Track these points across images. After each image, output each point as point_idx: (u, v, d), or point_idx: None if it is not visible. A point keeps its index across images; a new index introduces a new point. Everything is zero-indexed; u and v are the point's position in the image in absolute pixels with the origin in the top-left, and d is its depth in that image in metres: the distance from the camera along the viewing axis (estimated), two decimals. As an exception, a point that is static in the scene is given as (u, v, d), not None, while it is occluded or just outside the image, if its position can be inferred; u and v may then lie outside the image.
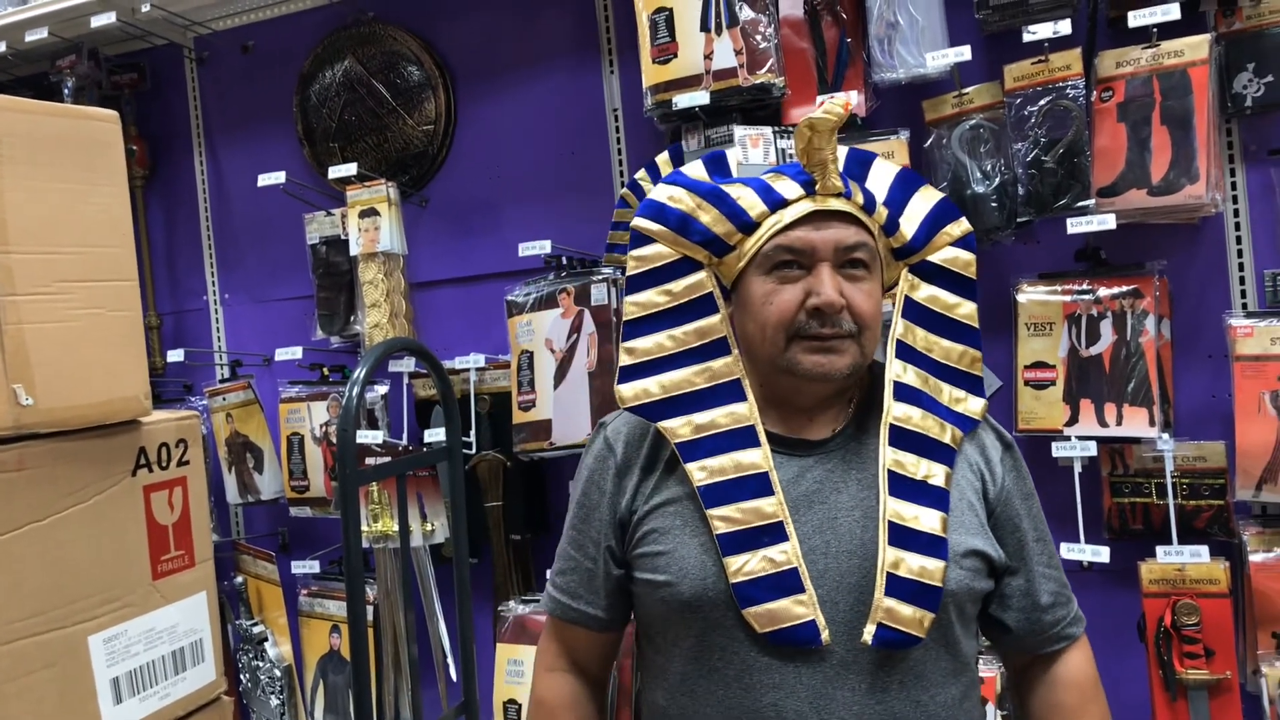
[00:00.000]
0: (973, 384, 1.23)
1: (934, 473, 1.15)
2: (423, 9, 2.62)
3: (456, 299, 2.61)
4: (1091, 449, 1.93)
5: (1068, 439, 1.95)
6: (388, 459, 2.33)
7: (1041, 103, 1.95)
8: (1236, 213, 1.97)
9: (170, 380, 2.92)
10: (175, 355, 2.74)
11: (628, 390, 1.19)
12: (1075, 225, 1.89)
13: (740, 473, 1.13)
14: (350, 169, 2.49)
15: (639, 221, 1.22)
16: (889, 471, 1.13)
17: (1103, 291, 1.97)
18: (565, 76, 2.49)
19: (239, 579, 2.77)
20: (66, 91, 2.77)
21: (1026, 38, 1.89)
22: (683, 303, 1.19)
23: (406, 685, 2.43)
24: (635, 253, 1.22)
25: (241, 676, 2.75)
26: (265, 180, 2.55)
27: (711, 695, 1.13)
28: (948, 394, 1.20)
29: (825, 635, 1.07)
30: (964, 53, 1.94)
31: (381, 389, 2.57)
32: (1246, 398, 1.82)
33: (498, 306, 2.42)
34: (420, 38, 2.61)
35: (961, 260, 1.22)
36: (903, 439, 1.15)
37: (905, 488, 1.13)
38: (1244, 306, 1.96)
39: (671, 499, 1.18)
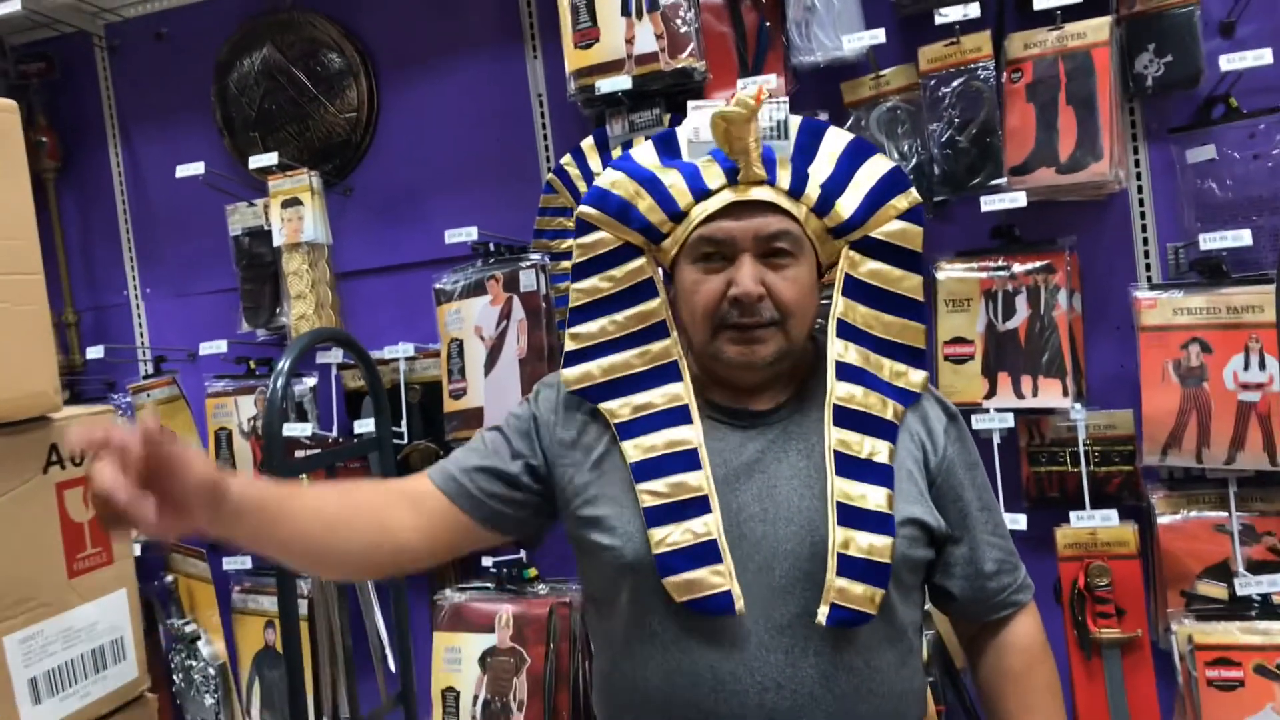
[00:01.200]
0: (914, 356, 1.24)
1: (878, 450, 1.17)
2: (342, -5, 2.59)
3: (384, 288, 2.59)
4: (1009, 420, 1.99)
5: (986, 411, 2.01)
6: (318, 451, 2.31)
7: (954, 84, 2.00)
8: (1140, 189, 2.04)
9: (91, 378, 2.85)
10: (95, 352, 2.67)
11: (572, 374, 1.23)
12: (989, 203, 1.94)
13: (671, 449, 1.16)
14: (271, 158, 2.46)
15: (583, 209, 1.24)
16: (835, 452, 1.14)
17: (1017, 268, 2.03)
18: (489, 62, 2.48)
19: (169, 578, 2.73)
20: (-30, 82, 2.68)
21: (939, 20, 1.93)
22: (625, 288, 1.22)
23: (343, 677, 2.42)
24: (579, 240, 1.24)
25: (175, 677, 2.70)
26: (184, 171, 2.49)
27: (651, 658, 1.15)
28: (889, 369, 1.21)
29: (740, 605, 1.09)
30: (878, 35, 1.98)
31: (310, 381, 2.54)
32: (1151, 367, 1.90)
33: (426, 295, 2.41)
34: (340, 24, 2.58)
35: (910, 233, 1.21)
36: (847, 418, 1.17)
37: (851, 466, 1.15)
38: (1149, 279, 2.04)
39: (604, 456, 1.21)
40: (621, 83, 2.11)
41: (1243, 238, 1.82)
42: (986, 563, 1.24)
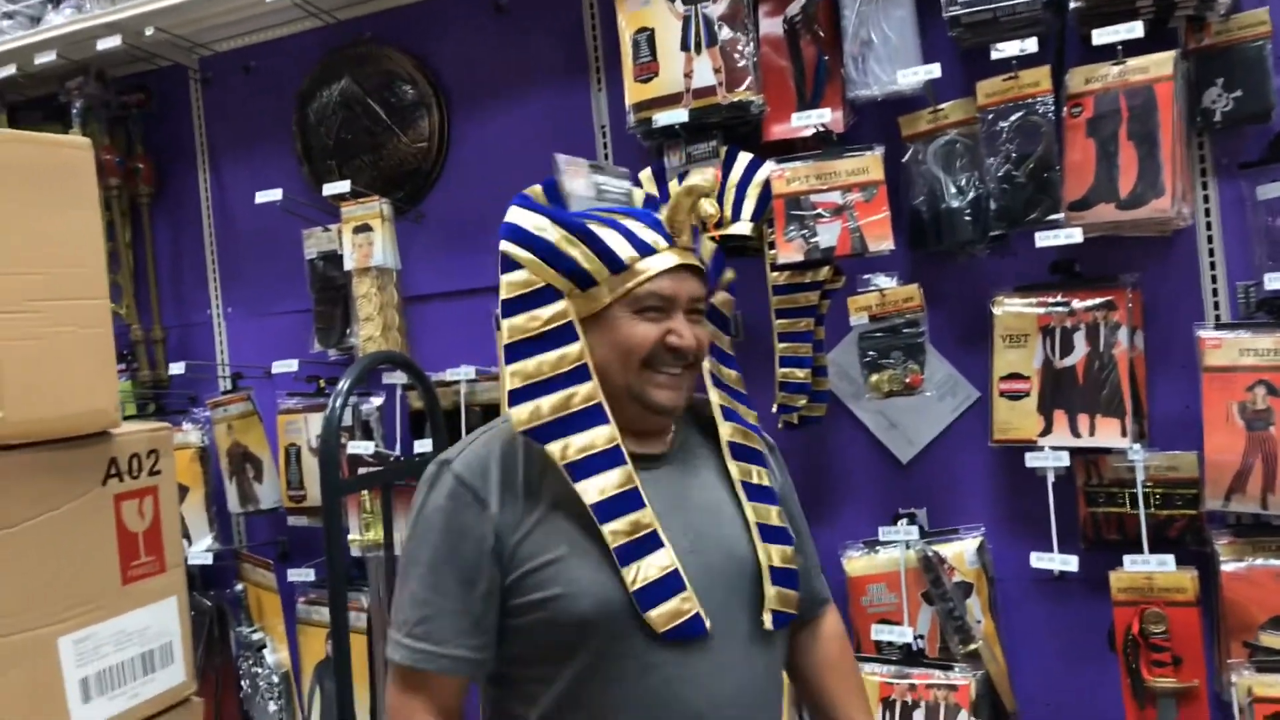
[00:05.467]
0: (747, 400, 1.44)
1: (764, 476, 1.37)
2: (417, 30, 2.69)
3: (450, 312, 2.66)
4: (1065, 459, 1.95)
5: (1041, 449, 1.98)
6: (378, 469, 2.38)
7: (1013, 118, 1.98)
8: (1209, 225, 1.99)
9: (175, 392, 2.99)
10: (177, 368, 2.81)
11: (522, 413, 1.24)
12: (1043, 239, 1.91)
13: (620, 489, 1.23)
14: (344, 186, 2.56)
15: (508, 247, 1.27)
16: (741, 482, 1.33)
17: (1076, 304, 1.99)
18: (555, 95, 2.55)
19: (239, 586, 2.84)
20: (75, 112, 2.85)
21: (995, 55, 1.92)
22: (549, 329, 1.26)
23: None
24: (506, 278, 1.28)
25: (242, 683, 2.80)
26: (263, 198, 2.61)
27: (608, 697, 1.20)
28: (742, 410, 1.41)
29: (708, 624, 1.21)
30: (934, 70, 1.98)
31: (376, 401, 2.63)
32: (1214, 409, 1.84)
33: (488, 319, 2.47)
34: (415, 57, 2.68)
35: (729, 301, 1.45)
36: (738, 452, 1.36)
37: (752, 492, 1.34)
38: (1217, 318, 1.98)
39: (540, 520, 1.23)
40: (679, 116, 2.15)
41: (1310, 278, 1.76)
42: (812, 567, 1.46)
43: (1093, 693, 2.04)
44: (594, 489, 1.22)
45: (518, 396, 1.24)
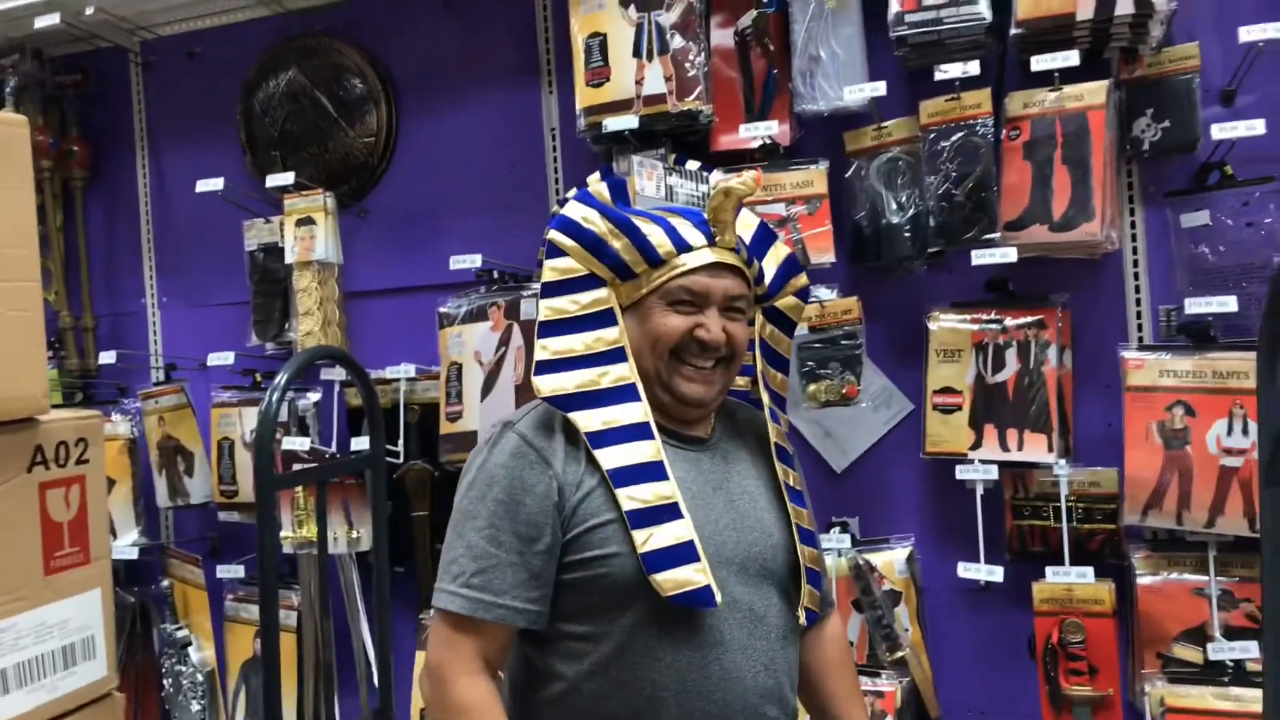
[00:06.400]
0: (783, 403, 1.51)
1: (798, 482, 1.45)
2: (367, 24, 2.66)
3: (391, 309, 2.64)
4: (993, 472, 2.01)
5: (971, 462, 2.03)
6: (312, 465, 2.35)
7: (954, 138, 2.03)
8: (1135, 250, 2.06)
9: (104, 382, 2.92)
10: (108, 357, 2.74)
11: (546, 383, 1.31)
12: (979, 257, 1.97)
13: (643, 459, 1.28)
14: (288, 178, 2.52)
15: (556, 236, 1.35)
16: (784, 484, 1.40)
17: (1009, 321, 2.05)
18: (505, 95, 2.55)
19: (165, 583, 2.77)
20: (8, 90, 2.77)
21: (938, 76, 1.97)
22: (589, 314, 1.34)
23: (324, 690, 2.45)
24: (550, 263, 1.36)
25: (164, 681, 2.74)
26: (204, 186, 2.57)
27: (658, 664, 1.26)
28: (782, 417, 1.48)
29: (719, 598, 1.24)
30: (879, 88, 2.03)
31: (314, 396, 2.60)
32: (1135, 427, 1.91)
33: (431, 318, 2.46)
34: (365, 52, 2.65)
35: (797, 307, 1.50)
36: (780, 454, 1.43)
37: (791, 494, 1.41)
38: (1140, 340, 2.05)
39: (600, 482, 1.28)
40: (629, 122, 2.17)
41: (1228, 304, 1.83)
42: (824, 571, 1.49)
43: (1013, 700, 2.09)
44: (613, 457, 1.27)
45: (544, 368, 1.31)
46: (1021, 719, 2.05)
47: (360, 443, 2.44)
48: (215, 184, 2.55)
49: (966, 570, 2.03)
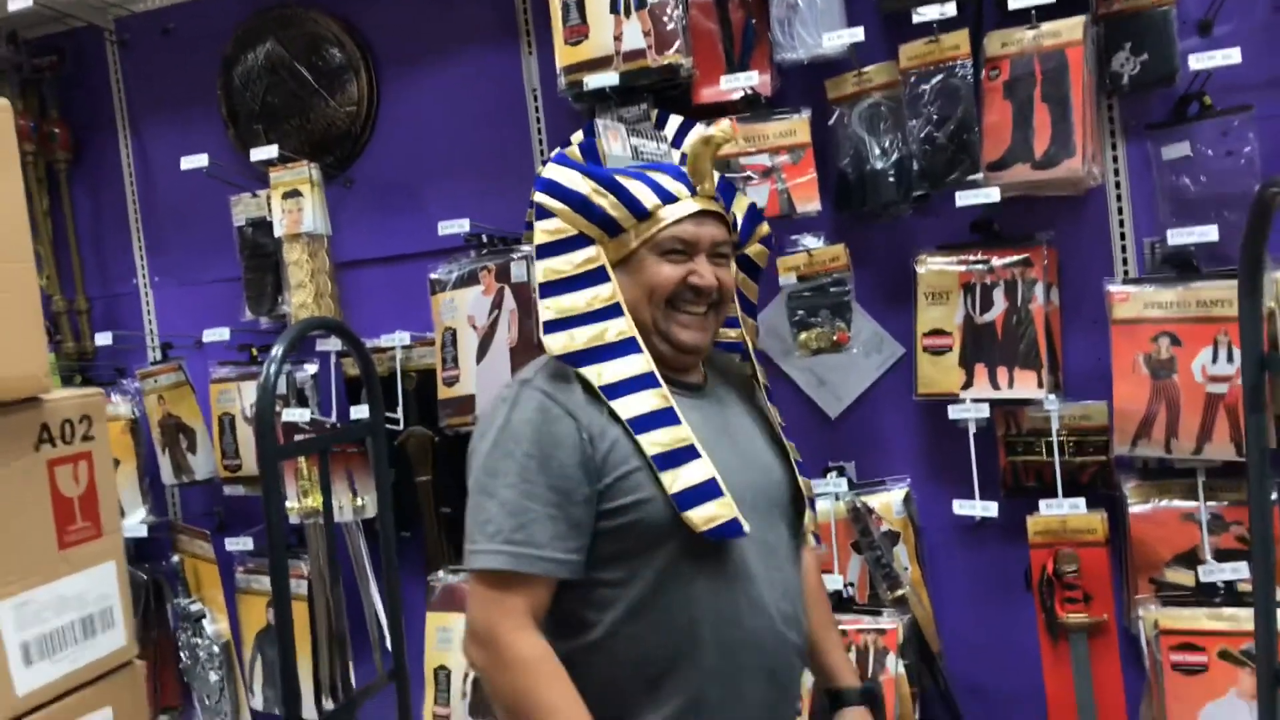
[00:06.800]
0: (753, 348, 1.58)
1: (781, 418, 1.54)
2: (343, -9, 2.65)
3: (382, 278, 2.65)
4: (985, 411, 2.04)
5: (963, 402, 2.06)
6: (313, 436, 2.38)
7: (934, 81, 2.03)
8: (1118, 185, 2.08)
9: (102, 363, 2.94)
10: (104, 339, 2.76)
11: (556, 340, 1.34)
12: (963, 198, 1.98)
13: (654, 407, 1.33)
14: (272, 151, 2.52)
15: (542, 198, 1.39)
16: (780, 423, 1.51)
17: (995, 261, 2.07)
18: (485, 58, 2.54)
19: (176, 558, 2.81)
20: (-15, 75, 2.76)
21: (916, 19, 1.97)
22: (581, 273, 1.37)
23: (339, 655, 2.50)
24: (540, 225, 1.39)
25: (181, 654, 2.79)
26: (188, 163, 2.57)
27: (693, 598, 1.31)
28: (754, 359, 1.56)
29: (747, 527, 1.30)
30: (858, 34, 2.02)
31: (311, 368, 2.61)
32: (1122, 359, 1.94)
33: (422, 285, 2.47)
34: (341, 20, 2.64)
35: (763, 254, 1.59)
36: (767, 395, 1.54)
37: (784, 431, 1.51)
38: (1125, 273, 2.07)
39: (618, 435, 1.32)
40: (609, 79, 2.16)
41: (1209, 234, 1.85)
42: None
43: (1011, 631, 2.14)
44: (630, 406, 1.32)
45: (552, 327, 1.35)
46: (1019, 649, 2.10)
47: (360, 411, 2.46)
48: (200, 160, 2.55)
49: (962, 508, 2.07)
